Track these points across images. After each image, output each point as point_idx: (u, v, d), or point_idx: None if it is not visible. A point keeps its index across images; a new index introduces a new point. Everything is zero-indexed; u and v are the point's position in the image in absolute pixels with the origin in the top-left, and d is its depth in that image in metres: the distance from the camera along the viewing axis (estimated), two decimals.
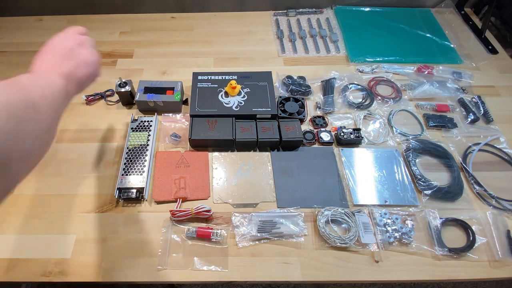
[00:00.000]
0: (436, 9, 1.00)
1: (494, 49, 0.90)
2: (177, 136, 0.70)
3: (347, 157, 0.68)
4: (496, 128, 0.73)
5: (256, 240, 0.57)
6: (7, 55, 0.89)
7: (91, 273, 0.54)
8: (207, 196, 0.63)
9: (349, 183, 0.64)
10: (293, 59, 0.88)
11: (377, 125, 0.74)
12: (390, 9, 1.00)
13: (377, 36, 0.93)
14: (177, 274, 0.54)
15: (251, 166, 0.67)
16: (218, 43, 0.92)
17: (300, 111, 0.73)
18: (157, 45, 0.91)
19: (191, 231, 0.57)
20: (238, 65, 0.87)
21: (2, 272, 0.54)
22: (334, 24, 0.97)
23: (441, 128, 0.73)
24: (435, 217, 0.59)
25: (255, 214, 0.59)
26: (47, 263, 0.55)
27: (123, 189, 0.61)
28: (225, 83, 0.74)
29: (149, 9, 0.99)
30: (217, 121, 0.68)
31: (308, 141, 0.70)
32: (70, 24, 0.96)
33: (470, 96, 0.79)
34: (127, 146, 0.67)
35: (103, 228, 0.59)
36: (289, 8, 1.00)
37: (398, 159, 0.68)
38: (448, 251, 0.56)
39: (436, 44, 0.91)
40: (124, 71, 0.85)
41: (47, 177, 0.65)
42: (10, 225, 0.59)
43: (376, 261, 0.56)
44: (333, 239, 0.56)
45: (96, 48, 0.48)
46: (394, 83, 0.81)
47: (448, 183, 0.65)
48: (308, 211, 0.61)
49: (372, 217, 0.60)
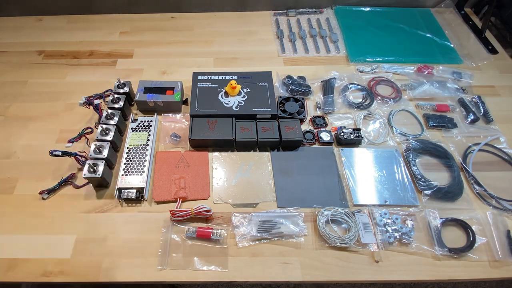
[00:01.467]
0: (436, 9, 1.00)
1: (494, 49, 0.90)
2: (177, 136, 0.70)
3: (347, 157, 0.68)
4: (496, 128, 0.73)
5: (256, 240, 0.57)
6: (7, 55, 0.89)
7: (91, 273, 0.54)
8: (207, 196, 0.63)
9: (349, 183, 0.64)
10: (293, 59, 0.88)
11: (377, 125, 0.74)
12: (390, 9, 1.00)
13: (377, 36, 0.93)
14: (177, 274, 0.54)
15: (251, 166, 0.67)
16: (218, 43, 0.92)
17: (300, 111, 0.73)
18: (157, 45, 0.91)
19: (191, 231, 0.57)
20: (238, 65, 0.87)
21: (2, 272, 0.54)
22: (334, 24, 0.97)
23: (441, 128, 0.73)
24: (435, 217, 0.59)
25: (255, 214, 0.59)
26: (47, 263, 0.55)
27: (123, 189, 0.61)
28: (225, 83, 0.74)
29: (149, 9, 0.99)
30: (217, 121, 0.68)
31: (308, 141, 0.70)
32: (70, 24, 0.98)
33: (470, 96, 0.79)
34: (127, 146, 0.67)
35: (103, 228, 0.59)
36: (289, 8, 1.00)
37: (398, 159, 0.68)
38: (448, 251, 0.56)
39: (436, 44, 0.91)
40: (124, 71, 0.85)
41: (47, 177, 0.65)
42: (10, 225, 0.59)
43: (376, 261, 0.56)
44: (333, 239, 0.56)
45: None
46: (394, 83, 0.81)
47: (448, 183, 0.65)
48: (308, 211, 0.61)
49: (372, 217, 0.60)
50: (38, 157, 0.68)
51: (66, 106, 0.77)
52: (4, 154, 0.69)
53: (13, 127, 0.73)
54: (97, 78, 0.83)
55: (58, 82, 0.82)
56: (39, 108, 0.77)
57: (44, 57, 0.88)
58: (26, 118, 0.75)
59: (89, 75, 0.84)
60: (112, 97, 0.70)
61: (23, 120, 0.74)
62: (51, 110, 0.76)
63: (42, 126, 0.73)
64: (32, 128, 0.73)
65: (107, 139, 0.64)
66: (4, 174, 0.66)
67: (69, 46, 0.91)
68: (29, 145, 0.70)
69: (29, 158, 0.68)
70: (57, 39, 0.93)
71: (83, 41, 0.92)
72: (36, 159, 0.68)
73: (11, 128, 0.73)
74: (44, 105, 0.77)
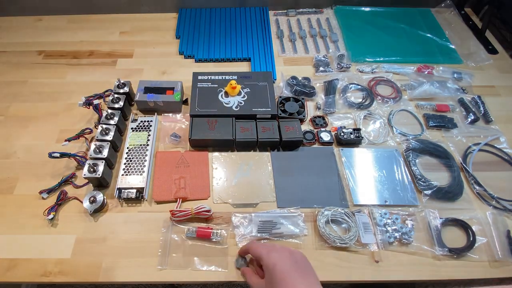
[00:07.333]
0: (436, 9, 1.00)
1: (494, 49, 0.90)
2: (177, 136, 0.70)
3: (347, 157, 0.68)
4: (496, 128, 0.73)
5: (256, 240, 0.57)
6: (7, 55, 0.89)
7: (91, 273, 0.54)
8: (207, 196, 0.63)
9: (349, 183, 0.64)
10: (293, 59, 0.88)
11: (377, 125, 0.74)
12: (390, 9, 1.00)
13: (377, 36, 0.93)
14: (177, 274, 0.54)
15: (251, 166, 0.67)
16: None
17: (300, 111, 0.73)
18: (157, 45, 0.91)
19: (191, 231, 0.57)
20: (238, 65, 0.87)
21: (2, 272, 0.54)
22: (334, 24, 0.97)
23: (441, 128, 0.73)
24: (435, 217, 0.59)
25: (255, 214, 0.59)
26: (47, 263, 0.55)
27: (123, 189, 0.61)
28: (225, 83, 0.74)
29: (149, 9, 0.99)
30: (217, 121, 0.68)
31: (308, 141, 0.70)
32: (70, 24, 0.98)
33: (470, 96, 0.79)
34: (127, 146, 0.67)
35: (103, 228, 0.59)
36: (289, 8, 1.00)
37: (398, 159, 0.68)
38: (448, 251, 0.56)
39: (436, 44, 0.91)
40: (124, 71, 0.85)
41: (47, 177, 0.65)
42: (10, 225, 0.59)
43: (376, 261, 0.56)
44: (333, 239, 0.56)
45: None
46: (394, 83, 0.81)
47: (448, 183, 0.65)
48: (308, 211, 0.61)
49: (372, 217, 0.60)
50: (38, 157, 0.67)
51: (66, 106, 0.77)
52: (4, 154, 0.69)
53: (13, 127, 0.73)
54: (97, 78, 0.83)
55: (58, 82, 0.82)
56: (39, 108, 0.77)
57: (44, 57, 0.88)
58: (26, 118, 0.75)
59: (89, 75, 0.84)
60: (112, 97, 0.70)
61: (23, 120, 0.74)
62: (51, 110, 0.76)
63: (42, 126, 0.73)
64: (32, 128, 0.73)
65: (107, 139, 0.64)
66: (4, 174, 0.66)
67: (69, 46, 0.91)
68: (29, 145, 0.70)
69: (29, 158, 0.68)
70: (57, 39, 0.93)
71: (83, 41, 0.92)
72: (36, 159, 0.68)
73: (11, 128, 0.73)
74: (44, 105, 0.77)
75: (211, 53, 0.88)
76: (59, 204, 0.61)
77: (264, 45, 0.89)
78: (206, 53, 0.88)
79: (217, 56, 0.87)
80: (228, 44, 0.90)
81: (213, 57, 0.87)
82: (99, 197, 0.60)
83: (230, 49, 0.88)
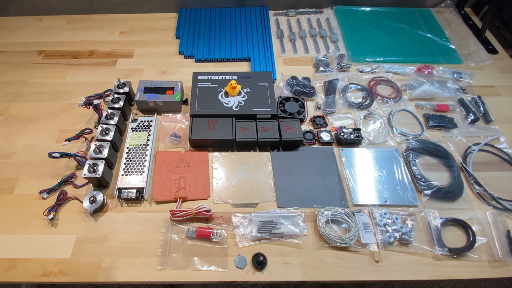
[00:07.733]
0: (436, 9, 1.00)
1: (494, 49, 0.90)
2: (177, 136, 0.70)
3: (347, 157, 0.68)
4: (496, 128, 0.73)
5: (256, 240, 0.57)
6: (7, 55, 0.89)
7: (91, 273, 0.54)
8: (207, 196, 0.63)
9: (349, 183, 0.64)
10: (293, 59, 0.88)
11: (377, 125, 0.74)
12: (390, 9, 1.00)
13: (377, 36, 0.93)
14: (177, 274, 0.54)
15: (251, 166, 0.67)
16: None
17: (300, 111, 0.73)
18: (157, 45, 0.91)
19: (191, 231, 0.57)
20: (238, 65, 0.87)
21: (2, 272, 0.54)
22: (334, 24, 0.97)
23: (441, 128, 0.73)
24: (435, 217, 0.59)
25: (255, 214, 0.59)
26: (47, 263, 0.55)
27: (123, 189, 0.61)
28: (225, 83, 0.74)
29: (149, 9, 0.99)
30: (217, 121, 0.68)
31: (308, 141, 0.70)
32: (70, 24, 0.98)
33: (470, 96, 0.79)
34: (127, 146, 0.67)
35: (103, 228, 0.59)
36: (289, 8, 1.00)
37: (398, 159, 0.68)
38: (448, 251, 0.56)
39: (436, 44, 0.91)
40: (124, 71, 0.85)
41: (47, 177, 0.65)
42: (10, 225, 0.59)
43: (376, 261, 0.56)
44: (333, 239, 0.56)
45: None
46: (394, 83, 0.81)
47: (448, 183, 0.65)
48: (308, 211, 0.61)
49: (372, 217, 0.60)
50: (38, 157, 0.68)
51: (66, 106, 0.77)
52: (4, 154, 0.69)
53: (13, 127, 0.73)
54: (97, 78, 0.83)
55: (58, 82, 0.82)
56: (39, 108, 0.77)
57: (44, 57, 0.88)
58: (26, 118, 0.75)
59: (89, 75, 0.84)
60: (112, 97, 0.70)
61: (23, 120, 0.74)
62: (51, 110, 0.76)
63: (42, 126, 0.73)
64: (32, 128, 0.73)
65: (107, 139, 0.64)
66: (4, 174, 0.66)
67: (69, 46, 0.91)
68: (29, 145, 0.70)
69: (29, 158, 0.68)
70: (57, 39, 0.93)
71: (83, 41, 0.92)
72: (36, 159, 0.68)
73: (11, 128, 0.73)
74: (44, 105, 0.77)
75: (211, 53, 0.88)
76: (59, 204, 0.61)
77: (264, 45, 0.89)
78: (206, 53, 0.88)
79: (217, 56, 0.87)
80: (228, 44, 0.90)
81: (213, 57, 0.87)
82: (99, 197, 0.60)
83: (230, 49, 0.88)
